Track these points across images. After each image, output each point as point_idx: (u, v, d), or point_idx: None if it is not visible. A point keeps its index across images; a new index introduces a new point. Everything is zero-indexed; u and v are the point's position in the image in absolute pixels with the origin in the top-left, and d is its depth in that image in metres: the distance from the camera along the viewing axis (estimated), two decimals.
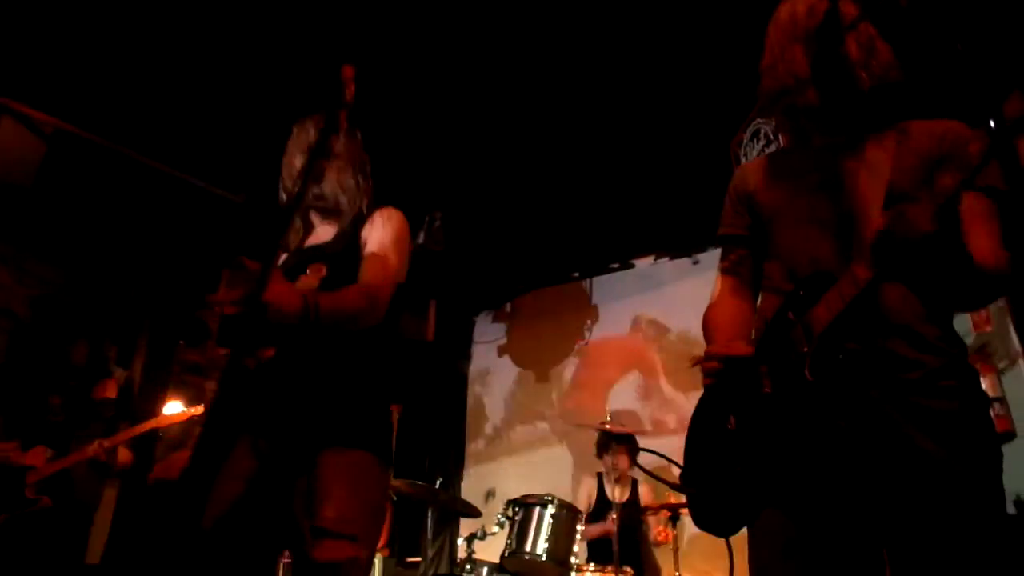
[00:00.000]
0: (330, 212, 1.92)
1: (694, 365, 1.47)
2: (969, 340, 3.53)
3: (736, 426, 1.36)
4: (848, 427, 1.22)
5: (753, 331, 1.48)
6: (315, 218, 1.96)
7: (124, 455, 3.46)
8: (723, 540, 1.42)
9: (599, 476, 4.29)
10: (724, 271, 1.59)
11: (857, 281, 1.20)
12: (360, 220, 1.90)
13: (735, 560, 1.44)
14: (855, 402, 1.22)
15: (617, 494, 3.96)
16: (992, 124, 0.90)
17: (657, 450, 1.70)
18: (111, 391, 3.71)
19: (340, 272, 1.76)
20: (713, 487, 1.39)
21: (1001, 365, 3.34)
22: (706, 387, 1.48)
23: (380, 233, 1.85)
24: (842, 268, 1.26)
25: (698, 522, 1.44)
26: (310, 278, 1.73)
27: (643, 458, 3.79)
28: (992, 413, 1.68)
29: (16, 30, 3.39)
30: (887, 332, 1.24)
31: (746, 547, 1.35)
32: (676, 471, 1.52)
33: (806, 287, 1.30)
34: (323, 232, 1.94)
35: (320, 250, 1.88)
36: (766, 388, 1.32)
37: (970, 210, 1.22)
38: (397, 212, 1.93)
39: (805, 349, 1.25)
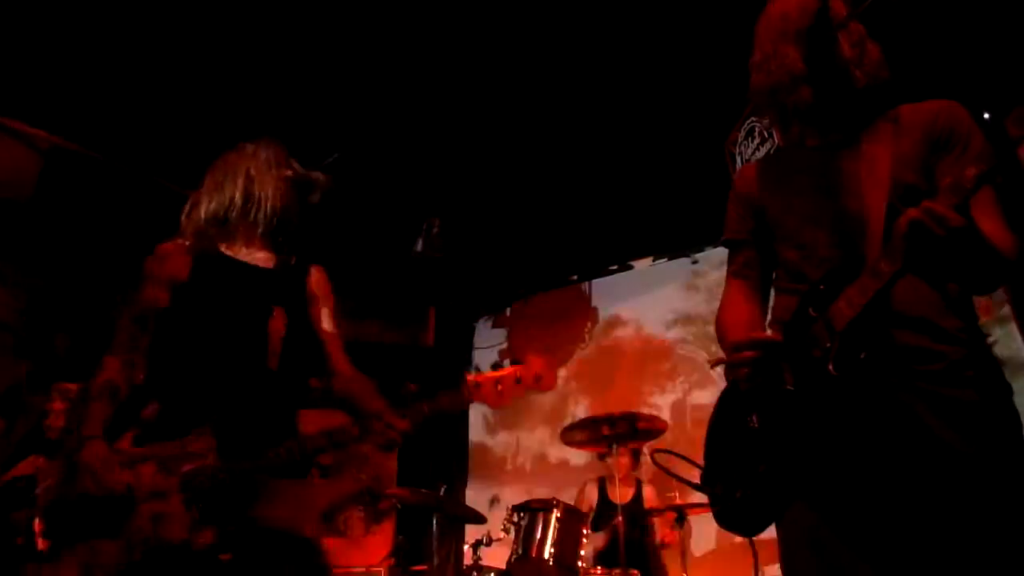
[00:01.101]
0: (271, 232, 1.85)
1: (715, 366, 1.46)
2: None
3: (759, 423, 1.35)
4: (873, 420, 1.21)
5: (768, 331, 1.48)
6: (247, 231, 1.85)
7: None
8: (730, 541, 1.40)
9: (600, 480, 4.28)
10: (732, 275, 1.59)
11: (880, 274, 1.18)
12: (298, 267, 1.91)
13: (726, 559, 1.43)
14: (878, 396, 1.22)
15: (620, 495, 3.95)
16: (986, 116, 0.90)
17: (664, 449, 1.68)
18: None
19: (294, 321, 1.79)
20: (737, 486, 1.36)
21: (1003, 354, 3.34)
22: (728, 385, 1.46)
23: (330, 309, 1.91)
24: (852, 265, 1.26)
25: (722, 522, 1.41)
26: (277, 323, 1.75)
27: (659, 458, 3.75)
28: None
29: (12, 47, 3.40)
30: (907, 325, 1.24)
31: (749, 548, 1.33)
32: (690, 470, 1.50)
33: (825, 282, 1.29)
34: (259, 254, 1.87)
35: (267, 277, 1.84)
36: (788, 384, 1.30)
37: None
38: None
39: (828, 344, 1.24)
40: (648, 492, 4.19)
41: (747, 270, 1.56)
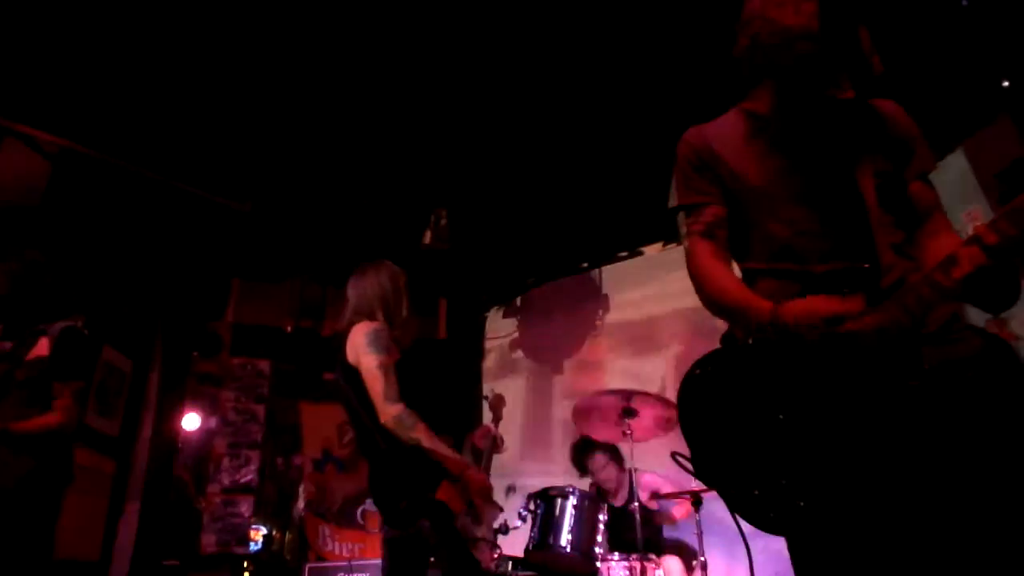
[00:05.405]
0: None
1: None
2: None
3: (756, 415, 1.27)
4: (884, 415, 1.18)
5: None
6: None
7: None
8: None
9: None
10: (700, 234, 1.51)
11: (942, 290, 1.16)
12: None
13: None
14: (892, 390, 1.19)
15: (619, 499, 3.93)
16: (1005, 84, 0.88)
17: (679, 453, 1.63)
18: (42, 349, 2.74)
19: None
20: (752, 484, 1.25)
21: (1019, 332, 3.30)
22: (702, 368, 1.37)
23: None
24: (839, 250, 1.27)
25: (746, 518, 1.28)
26: None
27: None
28: None
29: (17, 51, 3.41)
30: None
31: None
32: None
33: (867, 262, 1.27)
34: None
35: None
36: (792, 375, 1.25)
37: (927, 200, 1.37)
38: None
39: (863, 346, 1.19)
40: (650, 478, 4.09)
41: (716, 229, 1.49)
